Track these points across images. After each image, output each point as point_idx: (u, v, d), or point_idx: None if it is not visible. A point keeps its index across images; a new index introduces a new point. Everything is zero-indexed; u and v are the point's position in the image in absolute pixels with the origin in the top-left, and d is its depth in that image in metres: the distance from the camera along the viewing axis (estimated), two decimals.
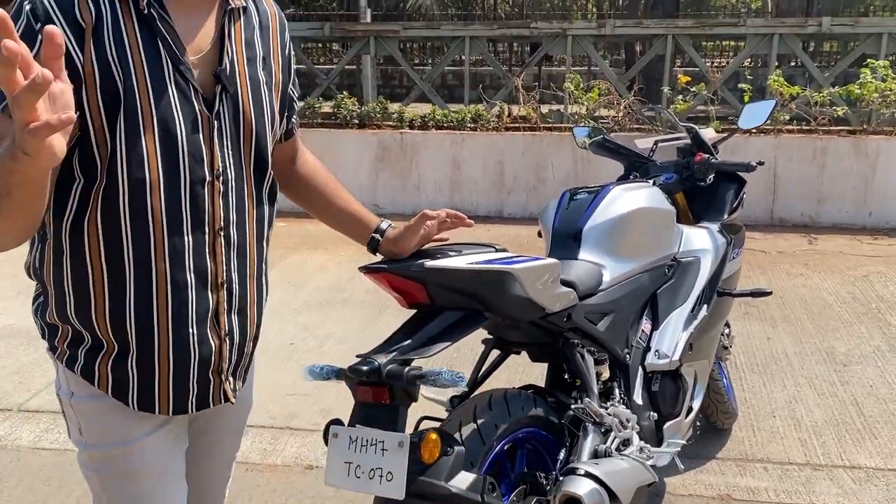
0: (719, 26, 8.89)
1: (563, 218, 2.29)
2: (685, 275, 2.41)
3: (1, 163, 0.95)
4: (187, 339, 1.30)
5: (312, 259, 5.37)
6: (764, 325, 4.09)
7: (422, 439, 1.53)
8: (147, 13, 1.19)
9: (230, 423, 1.56)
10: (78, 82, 1.13)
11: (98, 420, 1.34)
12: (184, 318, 1.29)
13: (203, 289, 1.30)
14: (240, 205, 1.33)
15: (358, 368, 1.55)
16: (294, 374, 3.51)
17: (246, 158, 1.33)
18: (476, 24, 9.85)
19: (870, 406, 3.20)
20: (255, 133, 1.33)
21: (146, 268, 1.25)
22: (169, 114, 1.21)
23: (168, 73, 1.21)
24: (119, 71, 1.17)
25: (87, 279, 1.25)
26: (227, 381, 1.39)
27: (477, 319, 1.75)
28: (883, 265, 5.11)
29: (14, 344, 3.89)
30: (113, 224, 1.22)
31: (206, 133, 1.26)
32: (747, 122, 2.75)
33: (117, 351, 1.28)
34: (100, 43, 1.16)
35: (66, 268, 1.26)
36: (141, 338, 1.28)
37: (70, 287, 1.26)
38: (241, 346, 1.40)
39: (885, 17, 14.06)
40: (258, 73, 1.35)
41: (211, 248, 1.30)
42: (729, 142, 3.01)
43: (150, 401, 1.32)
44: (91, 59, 1.15)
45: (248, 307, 1.40)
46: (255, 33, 1.36)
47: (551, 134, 6.65)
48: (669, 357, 2.27)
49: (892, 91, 6.13)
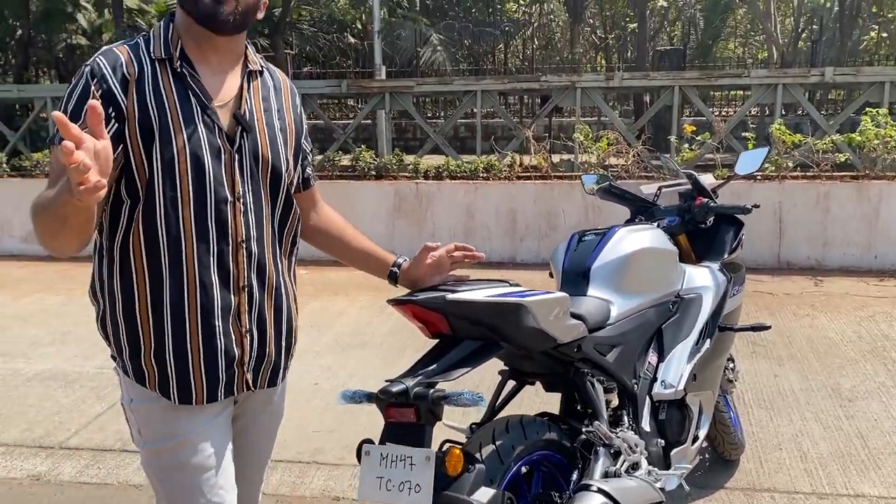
0: (724, 77, 9.17)
1: (573, 258, 2.47)
2: (688, 310, 2.58)
3: (60, 198, 1.29)
4: (213, 330, 1.57)
5: (333, 305, 5.56)
6: (771, 363, 4.22)
7: (447, 454, 1.70)
8: (180, 71, 1.52)
9: (265, 427, 1.83)
10: (122, 121, 1.46)
11: (151, 419, 1.61)
12: (210, 313, 1.56)
13: (226, 290, 1.58)
14: (258, 223, 1.62)
15: (388, 390, 1.72)
16: (319, 412, 3.67)
17: (264, 187, 1.63)
18: (487, 79, 10.19)
19: (874, 439, 3.31)
20: (271, 167, 1.63)
21: (179, 271, 1.53)
22: (198, 146, 1.51)
23: (197, 114, 1.52)
24: (155, 111, 1.48)
25: (133, 282, 1.54)
26: (248, 373, 1.65)
27: (493, 348, 1.92)
28: (889, 306, 5.24)
29: (53, 387, 4.08)
30: (152, 235, 1.52)
31: (227, 163, 1.56)
32: (743, 169, 2.95)
33: (158, 344, 1.55)
34: (140, 91, 1.48)
35: (117, 276, 1.56)
36: (176, 329, 1.55)
37: (119, 292, 1.56)
38: (262, 345, 1.66)
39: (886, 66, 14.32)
40: (273, 120, 1.66)
41: (234, 257, 1.58)
42: (734, 187, 3.20)
43: (187, 391, 1.57)
44: (133, 102, 1.47)
45: (265, 311, 1.66)
46: (270, 92, 1.68)
47: (562, 182, 6.88)
48: (675, 387, 2.42)
49: (892, 137, 6.32)
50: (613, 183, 3.11)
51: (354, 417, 3.53)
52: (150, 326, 1.55)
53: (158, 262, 1.53)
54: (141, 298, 1.55)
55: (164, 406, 1.58)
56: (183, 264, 1.53)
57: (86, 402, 3.88)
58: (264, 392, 1.74)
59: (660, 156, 5.63)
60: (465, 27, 19.17)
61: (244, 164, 1.58)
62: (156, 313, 1.55)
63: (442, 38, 17.77)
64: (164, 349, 1.56)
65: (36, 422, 3.66)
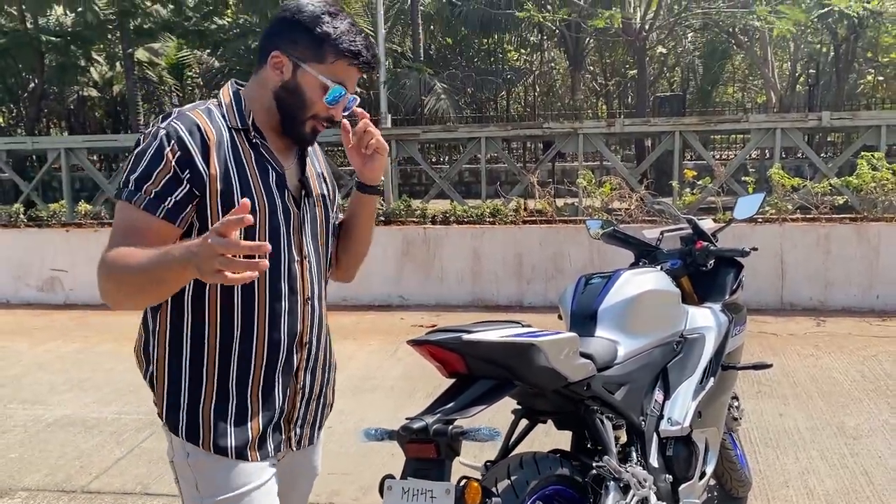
0: (724, 122, 9.39)
1: (580, 300, 2.59)
2: (692, 350, 2.68)
3: (169, 264, 1.37)
4: (273, 386, 1.63)
5: (343, 348, 5.65)
6: (776, 402, 4.29)
7: (465, 488, 1.79)
8: (254, 142, 1.63)
9: (302, 487, 1.91)
10: (198, 184, 1.52)
11: (210, 473, 1.62)
12: (273, 369, 1.63)
13: (291, 346, 1.66)
14: (319, 281, 1.72)
15: (409, 427, 1.82)
16: (334, 455, 3.74)
17: (321, 247, 1.75)
18: (491, 126, 10.42)
19: (879, 476, 3.38)
20: (326, 226, 1.76)
21: (250, 326, 1.59)
22: (273, 209, 1.61)
23: (272, 179, 1.62)
24: (236, 176, 1.57)
25: (203, 337, 1.58)
26: (294, 431, 1.72)
27: (507, 387, 2.03)
28: (891, 345, 5.32)
29: (73, 432, 4.17)
30: (227, 292, 1.58)
31: (295, 224, 1.66)
32: (741, 213, 3.08)
33: (220, 398, 1.59)
34: (220, 155, 1.56)
35: (186, 330, 1.59)
36: (240, 383, 1.60)
37: (188, 346, 1.59)
38: (308, 402, 1.75)
39: (883, 110, 14.57)
40: (322, 186, 1.79)
41: (301, 314, 1.67)
42: (736, 230, 3.33)
43: (243, 447, 1.62)
44: (214, 165, 1.54)
45: (318, 367, 1.75)
46: (314, 159, 1.81)
47: (567, 226, 7.01)
48: (681, 424, 2.51)
49: (888, 180, 6.47)
50: (618, 228, 3.24)
51: (368, 460, 3.61)
52: (215, 381, 1.59)
53: (231, 317, 1.58)
54: (210, 353, 1.58)
55: (221, 461, 1.61)
56: (255, 320, 1.59)
57: (105, 446, 3.97)
58: (304, 451, 1.79)
59: (660, 201, 5.78)
60: (467, 76, 19.58)
61: (306, 225, 1.68)
62: (222, 367, 1.59)
63: (445, 87, 18.15)
64: (226, 404, 1.59)
65: (57, 466, 3.74)
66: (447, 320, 5.98)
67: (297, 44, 1.58)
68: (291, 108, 1.62)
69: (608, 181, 7.29)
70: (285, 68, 1.59)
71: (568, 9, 15.84)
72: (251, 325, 1.60)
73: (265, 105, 1.63)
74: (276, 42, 1.60)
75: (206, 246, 1.29)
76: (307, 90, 1.60)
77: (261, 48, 1.64)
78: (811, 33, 19.08)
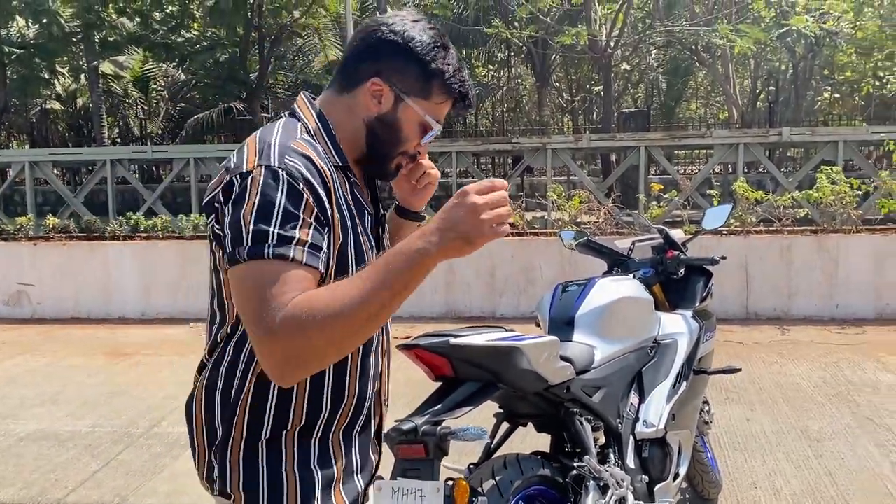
0: (687, 137, 9.61)
1: (558, 307, 2.67)
2: (665, 354, 2.78)
3: (417, 264, 1.26)
4: (352, 448, 1.46)
5: None
6: (743, 408, 4.42)
7: (454, 487, 1.85)
8: (351, 181, 1.42)
9: None
10: (329, 229, 1.32)
11: None
12: (353, 429, 1.46)
13: (377, 405, 1.53)
14: (387, 331, 1.56)
15: (398, 429, 1.88)
16: None
17: None
18: (461, 140, 10.53)
19: (842, 476, 3.51)
20: None
21: (341, 384, 1.41)
22: (368, 249, 1.42)
23: (365, 218, 1.43)
24: (348, 217, 1.37)
25: (292, 391, 1.37)
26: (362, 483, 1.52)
27: (491, 389, 2.10)
28: (850, 352, 5.50)
29: (46, 446, 4.13)
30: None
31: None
32: (710, 224, 3.20)
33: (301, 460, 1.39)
34: (337, 199, 1.35)
35: (272, 397, 1.36)
36: (322, 451, 1.41)
37: (274, 399, 1.37)
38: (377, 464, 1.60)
39: (840, 126, 15.02)
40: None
41: (381, 370, 1.53)
42: (702, 241, 3.44)
43: None
44: (334, 211, 1.33)
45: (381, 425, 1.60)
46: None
47: (538, 238, 7.13)
48: (656, 426, 2.60)
49: (846, 193, 6.70)
50: (591, 238, 3.34)
51: None
52: (296, 441, 1.39)
53: (322, 374, 1.38)
54: (297, 411, 1.38)
55: None
56: (346, 378, 1.42)
57: (81, 460, 3.94)
58: None
59: (631, 213, 5.92)
60: None
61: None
62: (308, 426, 1.39)
63: None
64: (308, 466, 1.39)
65: (32, 480, 3.71)
66: (421, 331, 6.03)
67: (403, 74, 1.40)
68: (384, 143, 1.44)
69: (577, 195, 7.44)
70: (385, 98, 1.40)
71: (535, 26, 16.08)
72: (342, 381, 1.42)
73: (351, 134, 1.43)
74: (378, 67, 1.39)
75: (470, 209, 1.23)
76: (405, 126, 1.43)
77: (353, 68, 1.42)
78: (771, 52, 19.62)
